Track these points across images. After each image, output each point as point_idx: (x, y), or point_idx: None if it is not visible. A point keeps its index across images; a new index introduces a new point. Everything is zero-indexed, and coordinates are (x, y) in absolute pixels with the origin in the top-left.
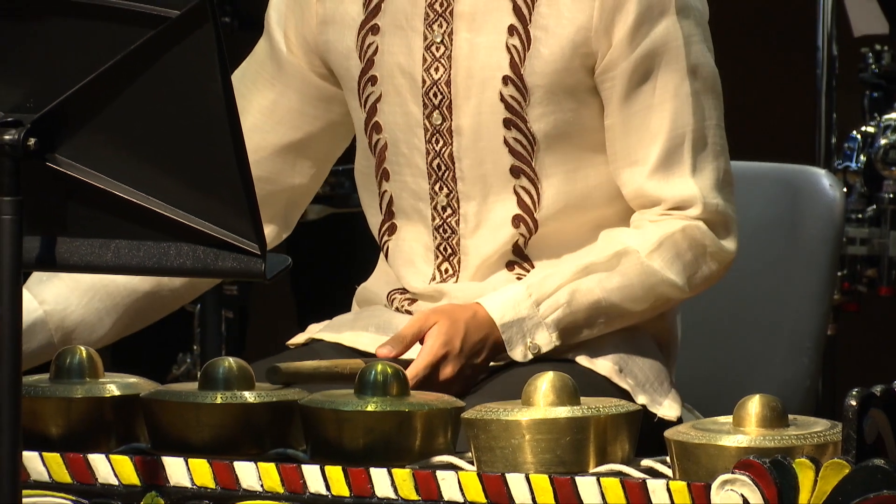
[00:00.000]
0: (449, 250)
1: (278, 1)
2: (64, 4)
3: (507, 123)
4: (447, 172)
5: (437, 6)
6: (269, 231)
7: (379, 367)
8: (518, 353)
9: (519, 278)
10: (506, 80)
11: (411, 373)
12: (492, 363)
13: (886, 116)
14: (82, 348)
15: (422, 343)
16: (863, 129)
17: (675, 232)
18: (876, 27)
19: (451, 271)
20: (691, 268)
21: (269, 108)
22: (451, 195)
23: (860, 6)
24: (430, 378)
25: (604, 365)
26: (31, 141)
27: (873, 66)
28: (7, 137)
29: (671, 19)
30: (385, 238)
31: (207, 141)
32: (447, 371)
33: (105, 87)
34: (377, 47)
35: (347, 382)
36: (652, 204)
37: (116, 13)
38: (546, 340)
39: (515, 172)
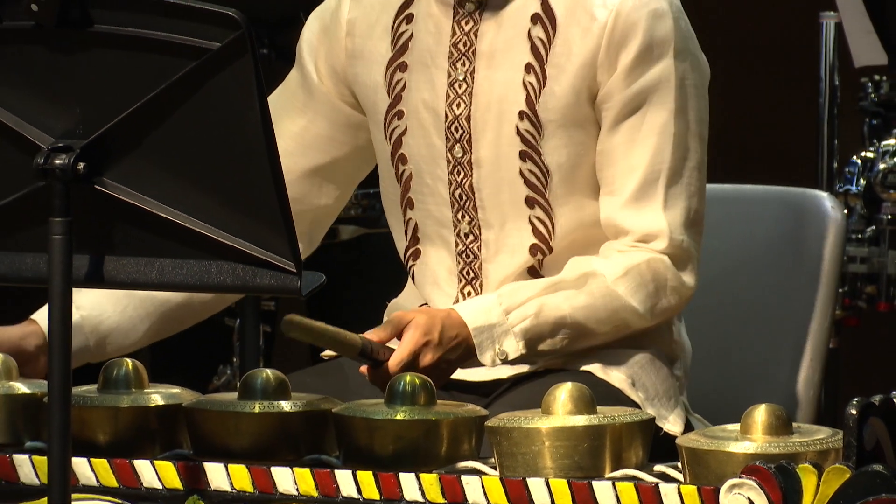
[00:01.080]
0: (472, 274)
1: (310, 33)
2: (111, 37)
3: (523, 156)
4: (468, 202)
5: (460, 45)
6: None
7: (408, 379)
8: (487, 359)
9: None
10: (521, 115)
11: (396, 359)
12: (512, 373)
13: (885, 143)
14: (128, 361)
15: (400, 337)
16: (863, 154)
17: (640, 263)
18: (875, 58)
19: (473, 294)
20: (653, 298)
21: (299, 133)
22: (473, 223)
23: (860, 39)
24: (412, 365)
25: (617, 377)
26: (81, 165)
27: (872, 95)
28: (58, 162)
29: (669, 61)
30: (411, 262)
31: (246, 164)
32: (427, 359)
33: (150, 115)
34: (405, 84)
35: (347, 352)
36: (621, 234)
37: (161, 45)
38: (513, 348)
39: (530, 203)
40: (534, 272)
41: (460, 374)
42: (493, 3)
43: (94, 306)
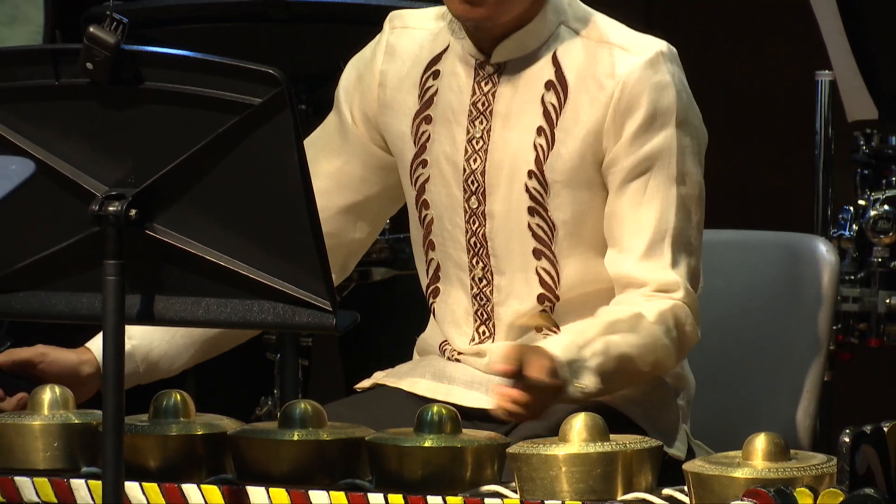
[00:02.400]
0: (485, 315)
1: (346, 80)
2: (160, 93)
3: (531, 211)
4: (482, 249)
5: (479, 105)
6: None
7: (435, 409)
8: (568, 392)
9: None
10: (530, 173)
11: (539, 371)
12: None
13: (875, 192)
14: (177, 392)
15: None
16: (855, 202)
17: (667, 309)
18: (867, 113)
19: (487, 333)
20: (680, 342)
21: (335, 173)
22: (486, 269)
23: (853, 95)
24: (546, 392)
25: (628, 407)
26: (133, 212)
27: (864, 148)
28: (111, 209)
29: (671, 131)
30: (432, 299)
31: (285, 211)
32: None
33: (196, 165)
34: (429, 135)
35: None
36: (639, 286)
37: (206, 101)
38: (591, 382)
39: (537, 254)
40: (545, 318)
41: (483, 404)
42: (510, 67)
43: (143, 335)
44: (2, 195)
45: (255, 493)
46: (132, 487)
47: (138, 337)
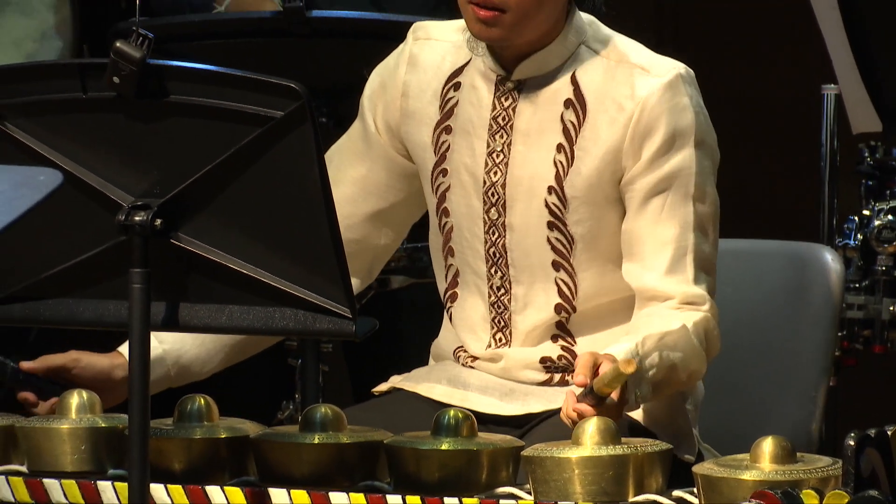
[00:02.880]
0: (502, 323)
1: (370, 88)
2: (185, 106)
3: (550, 225)
4: (501, 259)
5: (499, 119)
6: (355, 282)
7: (451, 413)
8: (630, 400)
9: (563, 348)
10: (550, 189)
11: (619, 394)
12: (543, 408)
13: (879, 202)
14: (201, 397)
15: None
16: (860, 212)
17: (700, 321)
18: (871, 126)
19: (504, 340)
20: (708, 351)
21: (360, 180)
22: (504, 278)
23: (857, 108)
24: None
25: (638, 412)
26: (158, 222)
27: (868, 159)
28: (137, 219)
29: (689, 151)
30: (449, 304)
31: (306, 221)
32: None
33: (220, 176)
34: (449, 145)
35: None
36: (663, 299)
37: (229, 113)
38: (647, 392)
39: (556, 266)
40: (561, 327)
41: (497, 410)
42: (530, 84)
43: (174, 340)
44: (30, 205)
45: (277, 495)
46: (157, 489)
47: (169, 342)
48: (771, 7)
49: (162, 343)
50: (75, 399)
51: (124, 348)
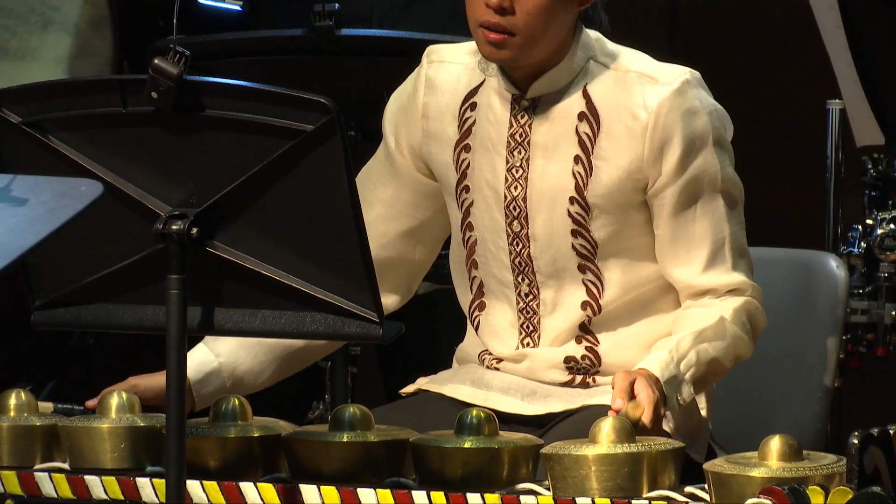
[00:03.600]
0: (530, 328)
1: (390, 112)
2: (220, 120)
3: (574, 233)
4: (527, 268)
5: (517, 136)
6: (394, 299)
7: (474, 413)
8: (672, 405)
9: (587, 348)
10: (572, 199)
11: (649, 417)
12: (562, 408)
13: (882, 212)
14: (235, 397)
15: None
16: (863, 221)
17: (741, 306)
18: (874, 140)
19: (531, 344)
20: (753, 332)
21: (390, 200)
22: (532, 284)
23: (861, 122)
24: (657, 417)
25: None
26: (194, 230)
27: (871, 171)
28: (174, 227)
29: (709, 150)
30: (476, 313)
31: (335, 229)
32: (659, 411)
33: (253, 187)
34: (469, 163)
35: None
36: (708, 293)
37: (262, 127)
38: (688, 393)
39: (582, 269)
40: (584, 328)
41: (519, 409)
42: (544, 101)
43: (229, 353)
44: (72, 215)
45: (308, 491)
46: (193, 485)
47: (225, 355)
48: (779, 26)
49: (218, 356)
50: (115, 399)
51: None
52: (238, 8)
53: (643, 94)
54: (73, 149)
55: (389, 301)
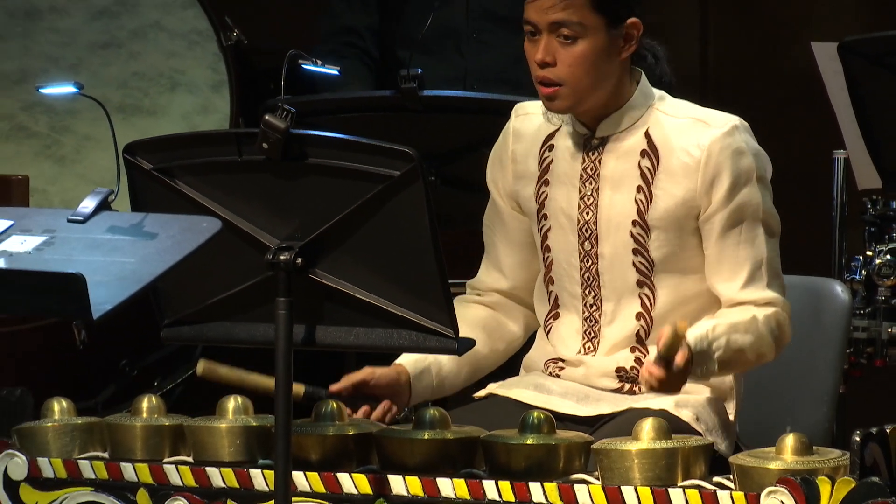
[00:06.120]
0: (592, 335)
1: (491, 166)
2: (321, 167)
3: (635, 252)
4: (594, 282)
5: (588, 170)
6: (522, 326)
7: (535, 414)
8: (696, 373)
9: (636, 359)
10: (634, 223)
11: (681, 359)
12: (610, 411)
13: (880, 245)
14: (333, 402)
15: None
16: (864, 252)
17: (772, 315)
18: (873, 183)
19: (591, 349)
20: (779, 339)
21: (507, 240)
22: (596, 297)
23: (862, 169)
24: (679, 373)
25: (686, 413)
26: (299, 260)
27: (871, 210)
28: (282, 258)
29: (753, 186)
30: (550, 322)
31: (417, 259)
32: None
33: (349, 223)
34: (547, 195)
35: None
36: (746, 304)
37: (356, 173)
38: (714, 367)
39: (640, 284)
40: (639, 339)
41: (574, 411)
42: (611, 140)
43: (435, 356)
44: (195, 247)
45: (395, 481)
46: (298, 476)
47: (431, 358)
48: (793, 86)
49: (426, 357)
50: (232, 403)
51: (402, 359)
52: (336, 72)
53: (697, 136)
54: (196, 191)
55: (532, 321)
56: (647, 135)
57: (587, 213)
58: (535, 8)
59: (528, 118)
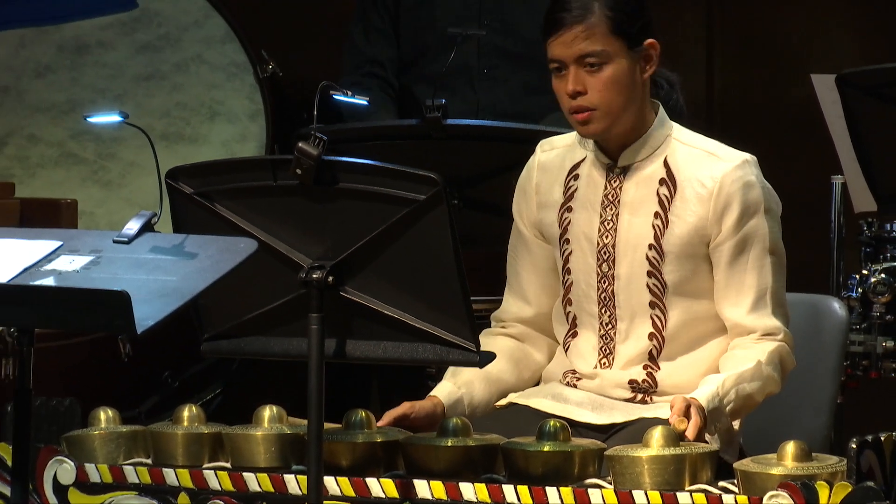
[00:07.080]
0: (607, 351)
1: (517, 197)
2: (351, 191)
3: (650, 274)
4: (610, 302)
5: (609, 196)
6: (546, 355)
7: (552, 422)
8: (710, 430)
9: (647, 374)
10: (650, 246)
11: (692, 432)
12: (623, 419)
13: (875, 264)
14: (362, 411)
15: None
16: (861, 271)
17: (774, 350)
18: (868, 206)
19: (607, 364)
20: (783, 371)
21: (532, 267)
22: (612, 316)
23: (858, 193)
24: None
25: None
26: (330, 279)
27: (866, 231)
28: (315, 276)
29: (761, 217)
30: (568, 340)
31: (441, 277)
32: (703, 433)
33: (377, 243)
34: (570, 220)
35: None
36: (748, 332)
37: (384, 196)
38: (725, 423)
39: (652, 305)
40: (651, 357)
41: (588, 419)
42: (633, 168)
43: (468, 385)
44: (232, 266)
45: (420, 485)
46: (329, 481)
47: (464, 387)
48: (793, 116)
49: (459, 388)
50: (267, 412)
51: (437, 391)
52: (365, 102)
53: (710, 168)
54: (234, 213)
55: (554, 348)
56: (665, 163)
57: (606, 237)
58: (558, 44)
59: (554, 152)
